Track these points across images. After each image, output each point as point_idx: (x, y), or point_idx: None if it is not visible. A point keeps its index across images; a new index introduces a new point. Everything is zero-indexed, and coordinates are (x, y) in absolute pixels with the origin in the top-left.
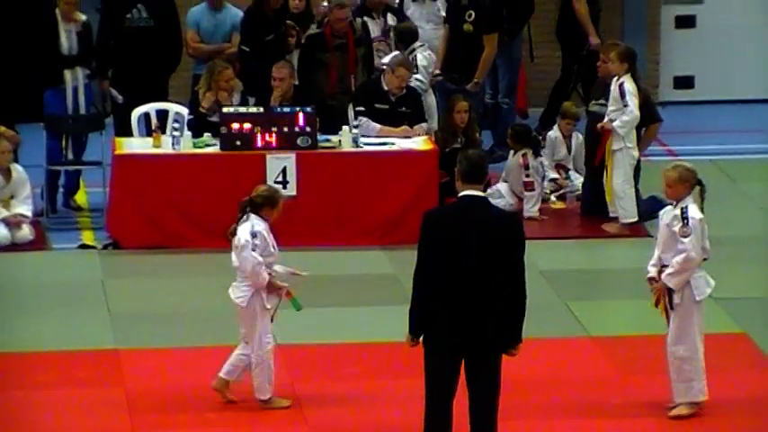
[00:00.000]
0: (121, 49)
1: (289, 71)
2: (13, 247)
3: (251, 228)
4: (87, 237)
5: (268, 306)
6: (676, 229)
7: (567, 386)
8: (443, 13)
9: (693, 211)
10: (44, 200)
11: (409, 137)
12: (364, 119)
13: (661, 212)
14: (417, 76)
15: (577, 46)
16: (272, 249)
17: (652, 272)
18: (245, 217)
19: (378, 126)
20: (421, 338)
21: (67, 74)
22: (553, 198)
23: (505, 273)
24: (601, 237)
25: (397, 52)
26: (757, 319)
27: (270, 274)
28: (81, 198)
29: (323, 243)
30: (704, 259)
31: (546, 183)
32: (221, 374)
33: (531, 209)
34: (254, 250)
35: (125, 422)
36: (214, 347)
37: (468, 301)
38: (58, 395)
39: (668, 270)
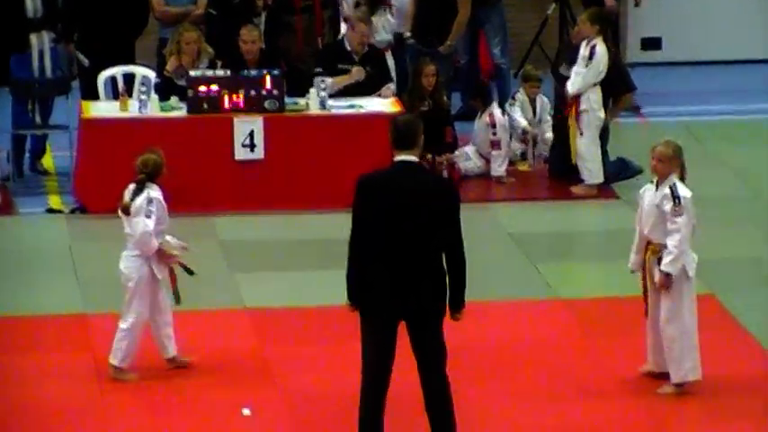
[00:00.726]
0: (87, 12)
1: (258, 34)
2: None
3: (147, 194)
4: (54, 201)
5: (159, 277)
6: (667, 208)
7: (536, 348)
8: None
9: (683, 190)
10: (10, 164)
11: (360, 80)
12: (327, 79)
13: (641, 191)
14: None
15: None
16: (166, 216)
17: (634, 261)
18: (143, 185)
19: (329, 80)
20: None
21: (33, 37)
22: (522, 162)
23: (443, 237)
24: (569, 199)
25: (358, 6)
26: (724, 281)
27: (160, 243)
28: (48, 162)
29: (291, 207)
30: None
31: (519, 134)
32: (165, 357)
33: (499, 168)
34: (149, 217)
35: (93, 387)
36: (182, 311)
37: (405, 265)
38: (25, 360)
39: (668, 257)
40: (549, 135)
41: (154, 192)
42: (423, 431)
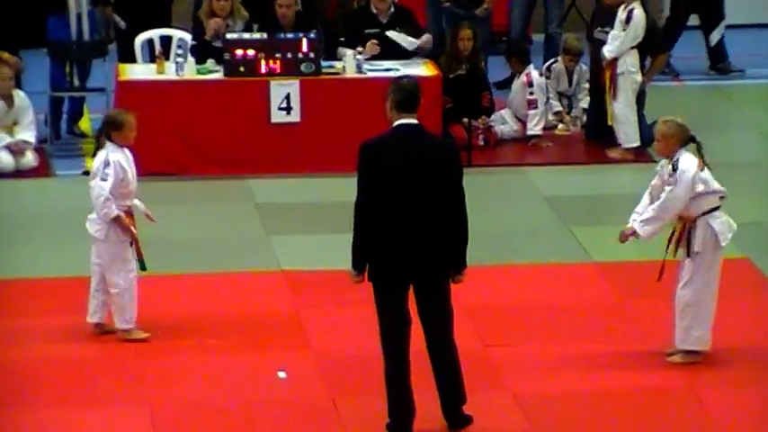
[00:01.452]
0: None
1: None
2: (17, 173)
3: (105, 156)
4: (91, 163)
5: (122, 239)
6: (666, 176)
7: (570, 311)
8: None
9: (685, 162)
10: (48, 126)
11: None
12: (348, 51)
13: (658, 166)
14: None
15: None
16: (131, 179)
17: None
18: (103, 146)
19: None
20: (366, 273)
21: (71, 0)
22: (560, 126)
23: (445, 199)
24: (604, 162)
25: None
26: (759, 244)
27: (126, 211)
28: (84, 124)
29: (327, 170)
30: (721, 198)
31: (551, 116)
32: (90, 320)
33: (535, 127)
34: (104, 180)
35: (128, 349)
36: (218, 274)
37: (416, 227)
38: (66, 322)
39: (643, 216)
40: (585, 102)
41: (113, 153)
42: None
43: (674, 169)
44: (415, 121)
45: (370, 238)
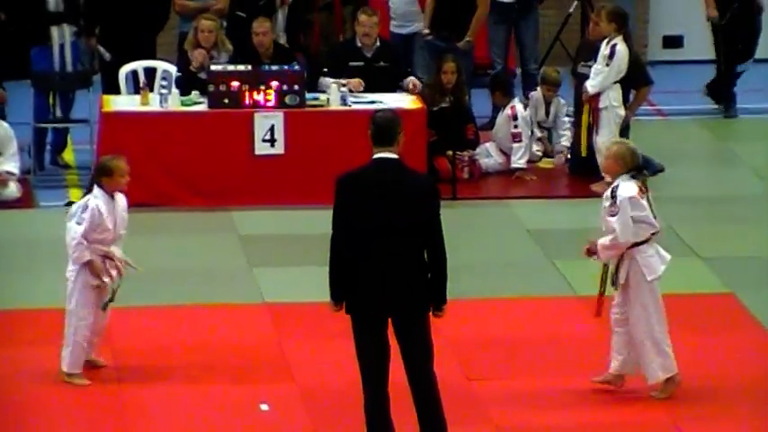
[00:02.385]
0: (109, 7)
1: (270, 25)
2: (0, 204)
3: (86, 200)
4: (74, 195)
5: (93, 283)
6: (606, 205)
7: (553, 345)
8: None
9: (624, 189)
10: (31, 157)
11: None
12: (328, 80)
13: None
14: None
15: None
16: (109, 226)
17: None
18: (91, 190)
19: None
20: (344, 306)
21: (54, 31)
22: (543, 160)
23: (423, 234)
24: (588, 196)
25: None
26: (744, 280)
27: (105, 256)
28: (68, 156)
29: (310, 202)
30: (653, 233)
31: (534, 144)
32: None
33: (519, 160)
34: (79, 224)
35: (112, 380)
36: (200, 306)
37: (388, 262)
38: (44, 353)
39: (601, 241)
40: (568, 135)
41: (95, 199)
42: None
43: (613, 197)
44: (393, 156)
45: (348, 271)
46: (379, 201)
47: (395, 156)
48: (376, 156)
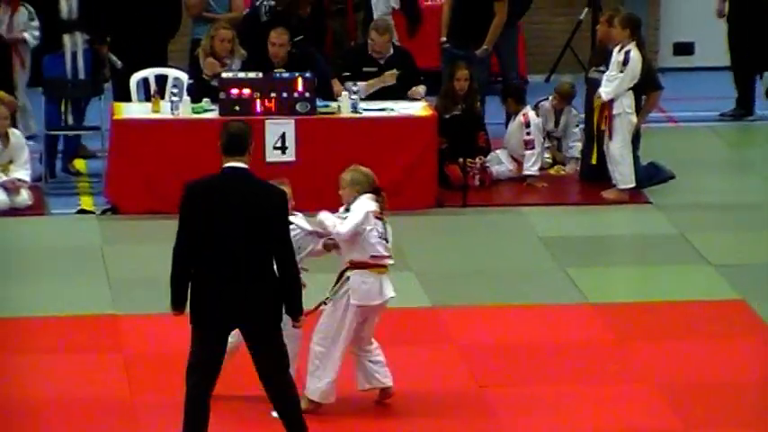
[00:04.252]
0: (120, 15)
1: (287, 37)
2: (12, 211)
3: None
4: (86, 202)
5: None
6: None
7: (566, 352)
8: (394, 4)
9: (358, 205)
10: (43, 165)
11: (391, 83)
12: (360, 83)
13: None
14: None
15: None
16: None
17: None
18: None
19: (362, 84)
20: (187, 309)
21: (66, 38)
22: (555, 167)
23: (270, 244)
24: (600, 203)
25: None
26: (755, 286)
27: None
28: (80, 163)
29: (321, 208)
30: (381, 265)
31: (545, 152)
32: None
33: (531, 167)
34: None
35: (123, 386)
36: None
37: (232, 273)
38: (57, 360)
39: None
40: (577, 150)
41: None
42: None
43: (347, 210)
44: (242, 165)
45: (188, 279)
46: (225, 209)
47: (244, 165)
48: (225, 165)
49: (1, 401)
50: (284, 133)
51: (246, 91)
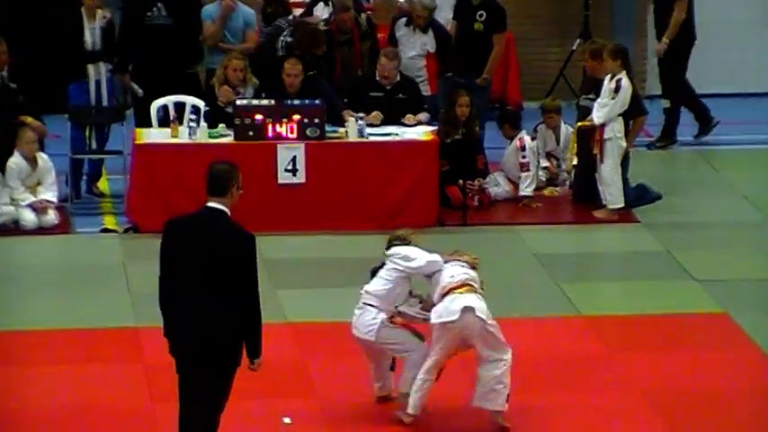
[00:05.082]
0: (141, 46)
1: (301, 67)
2: (40, 230)
3: None
4: (109, 221)
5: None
6: None
7: (558, 362)
8: (430, 49)
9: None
10: (68, 186)
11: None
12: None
13: None
14: None
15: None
16: None
17: None
18: None
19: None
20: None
21: (90, 68)
22: (549, 188)
23: (237, 286)
24: (591, 222)
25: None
26: (737, 300)
27: None
28: (103, 185)
29: (330, 227)
30: None
31: (540, 171)
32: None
33: (527, 188)
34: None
35: (144, 396)
36: None
37: (197, 311)
38: (81, 371)
39: None
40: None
41: None
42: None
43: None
44: (220, 206)
45: (167, 312)
46: (195, 248)
47: (223, 207)
48: (206, 204)
49: (27, 410)
50: (295, 156)
51: (259, 117)
